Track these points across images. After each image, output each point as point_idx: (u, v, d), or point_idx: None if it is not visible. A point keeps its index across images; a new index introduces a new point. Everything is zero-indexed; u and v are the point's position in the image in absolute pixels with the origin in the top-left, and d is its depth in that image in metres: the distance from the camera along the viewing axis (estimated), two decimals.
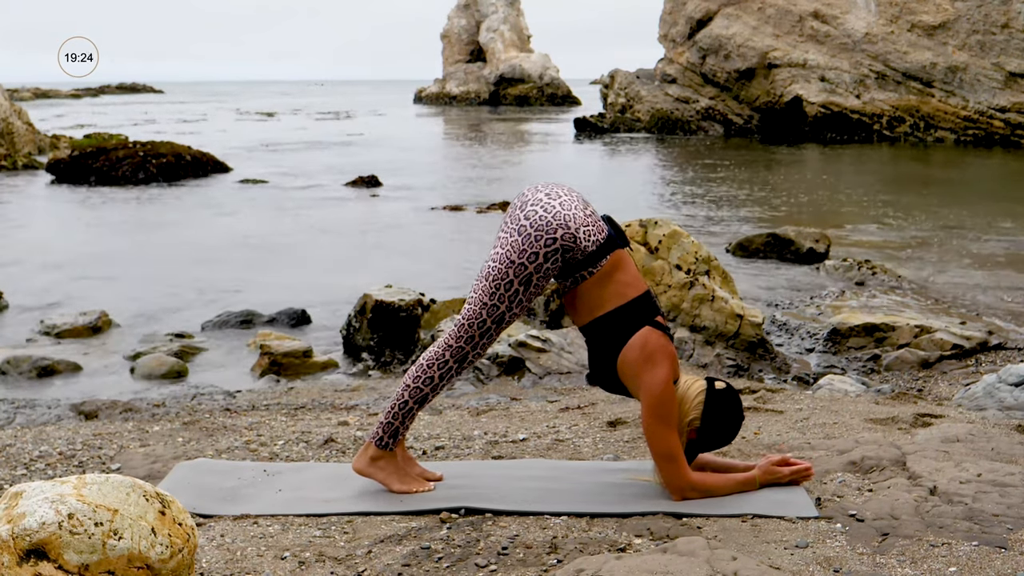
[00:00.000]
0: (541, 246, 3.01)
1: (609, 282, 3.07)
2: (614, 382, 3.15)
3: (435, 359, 3.13)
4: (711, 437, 3.12)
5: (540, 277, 3.05)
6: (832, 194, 16.63)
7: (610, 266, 3.07)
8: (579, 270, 3.06)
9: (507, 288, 3.04)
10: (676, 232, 6.72)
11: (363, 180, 17.28)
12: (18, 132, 20.51)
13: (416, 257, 10.71)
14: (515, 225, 3.05)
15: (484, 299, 3.06)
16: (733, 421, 3.12)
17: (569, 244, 3.02)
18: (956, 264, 10.09)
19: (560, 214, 3.02)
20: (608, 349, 3.10)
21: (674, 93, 31.81)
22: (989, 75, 26.92)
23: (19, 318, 7.93)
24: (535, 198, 3.07)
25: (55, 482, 2.17)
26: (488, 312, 3.07)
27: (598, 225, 3.09)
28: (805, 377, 6.08)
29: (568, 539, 2.79)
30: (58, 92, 74.00)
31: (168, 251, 11.27)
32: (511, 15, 58.55)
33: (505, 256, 3.04)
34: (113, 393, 5.98)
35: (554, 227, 3.01)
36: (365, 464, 3.23)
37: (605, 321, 3.08)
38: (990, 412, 4.48)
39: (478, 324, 3.08)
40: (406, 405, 3.16)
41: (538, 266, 3.03)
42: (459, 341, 3.11)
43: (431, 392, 3.16)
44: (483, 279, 3.07)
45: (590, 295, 3.09)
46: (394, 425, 3.17)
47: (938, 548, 2.64)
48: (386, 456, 3.21)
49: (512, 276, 3.03)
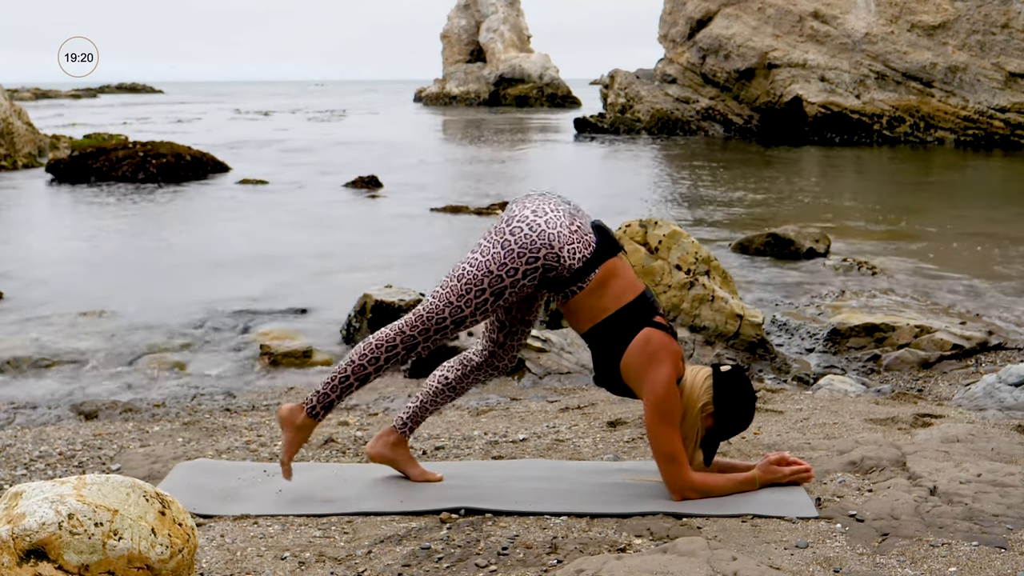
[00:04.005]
0: (522, 263, 3.01)
1: (604, 291, 3.07)
2: (620, 385, 3.15)
3: (385, 342, 3.12)
4: (728, 420, 3.10)
5: (513, 292, 3.05)
6: (832, 194, 16.63)
7: (601, 277, 3.06)
8: (568, 286, 3.06)
9: (478, 295, 3.04)
10: (676, 232, 6.72)
11: (363, 180, 17.27)
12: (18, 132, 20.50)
13: (416, 257, 10.71)
14: (499, 237, 3.04)
15: (451, 298, 3.06)
16: (746, 400, 3.10)
17: (552, 263, 3.01)
18: (956, 264, 10.09)
19: (545, 233, 3.01)
20: (611, 354, 3.10)
21: (674, 93, 31.81)
22: (989, 75, 26.91)
23: (19, 318, 7.93)
24: (521, 214, 3.05)
25: (55, 482, 2.17)
26: (451, 312, 3.06)
27: (585, 239, 3.06)
28: (805, 377, 6.08)
29: (568, 539, 2.79)
30: (58, 92, 73.96)
31: (168, 251, 11.27)
32: (511, 15, 58.54)
33: (484, 264, 3.03)
34: (113, 393, 5.98)
35: (537, 246, 3.00)
36: (292, 419, 3.21)
37: (604, 327, 3.08)
38: (990, 412, 4.48)
39: (437, 320, 3.08)
40: (347, 380, 3.16)
41: (514, 281, 3.03)
42: (413, 331, 3.10)
43: (373, 373, 3.15)
44: (454, 278, 3.06)
45: (585, 305, 3.08)
46: (330, 397, 3.18)
47: (938, 548, 2.64)
48: (310, 425, 3.21)
49: (486, 285, 3.03)
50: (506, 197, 15.37)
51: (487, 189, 17.13)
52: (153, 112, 48.90)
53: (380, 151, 25.07)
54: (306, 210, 14.47)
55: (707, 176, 19.27)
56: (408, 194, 16.29)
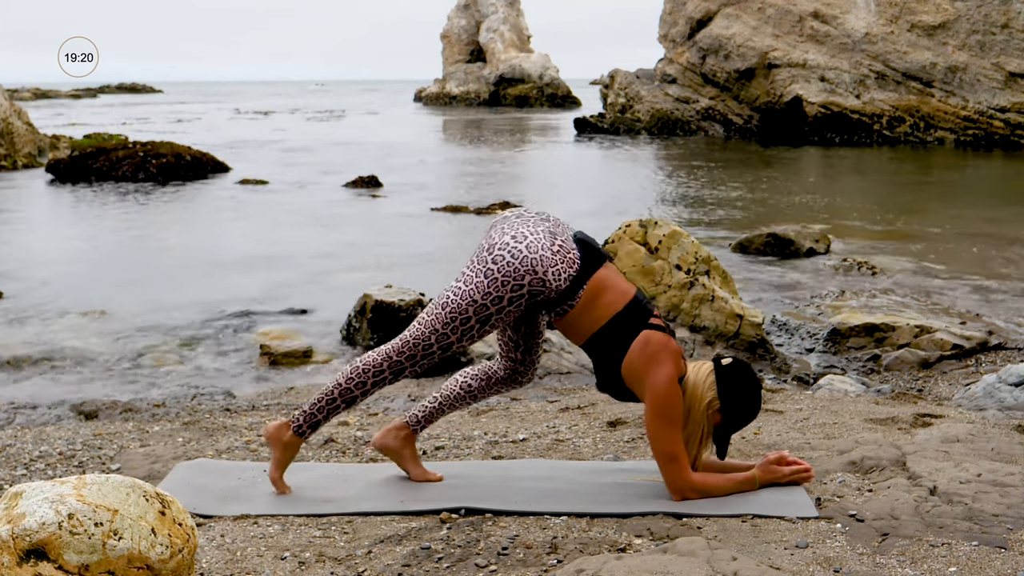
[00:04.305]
0: (507, 291, 3.02)
1: (596, 303, 3.08)
2: (623, 390, 3.15)
3: (372, 366, 3.14)
4: (736, 412, 3.08)
5: (499, 318, 3.06)
6: (832, 194, 16.63)
7: (591, 291, 3.07)
8: (559, 305, 3.08)
9: (463, 323, 3.05)
10: (676, 232, 6.72)
11: (363, 180, 17.27)
12: (18, 132, 20.50)
13: (416, 257, 10.71)
14: (481, 267, 3.05)
15: (437, 326, 3.07)
16: (751, 391, 3.09)
17: (538, 288, 3.03)
18: (956, 264, 10.09)
19: (527, 259, 3.01)
20: (611, 360, 3.10)
21: (674, 93, 31.81)
22: (989, 75, 26.92)
23: (19, 318, 7.93)
24: (502, 241, 3.05)
25: (55, 482, 2.17)
26: (438, 339, 3.08)
27: (569, 257, 3.06)
28: (805, 377, 6.08)
29: (568, 539, 2.79)
30: (58, 92, 73.95)
31: (168, 251, 11.27)
32: (511, 15, 58.53)
33: (468, 294, 3.04)
34: (113, 393, 5.98)
35: (521, 273, 3.01)
36: (278, 437, 3.24)
37: (601, 336, 3.09)
38: (990, 412, 4.48)
39: (424, 346, 3.09)
40: (334, 401, 3.18)
41: (500, 308, 3.04)
42: (400, 356, 3.12)
43: (360, 396, 3.18)
44: (440, 307, 3.08)
45: (580, 320, 3.10)
46: (317, 417, 3.20)
47: (938, 548, 2.64)
48: (296, 443, 3.24)
49: (472, 314, 3.04)
50: (506, 197, 15.37)
51: (487, 189, 17.13)
52: (153, 112, 48.90)
53: (380, 151, 25.07)
54: (306, 210, 14.47)
55: (707, 176, 19.27)
56: (408, 194, 16.30)
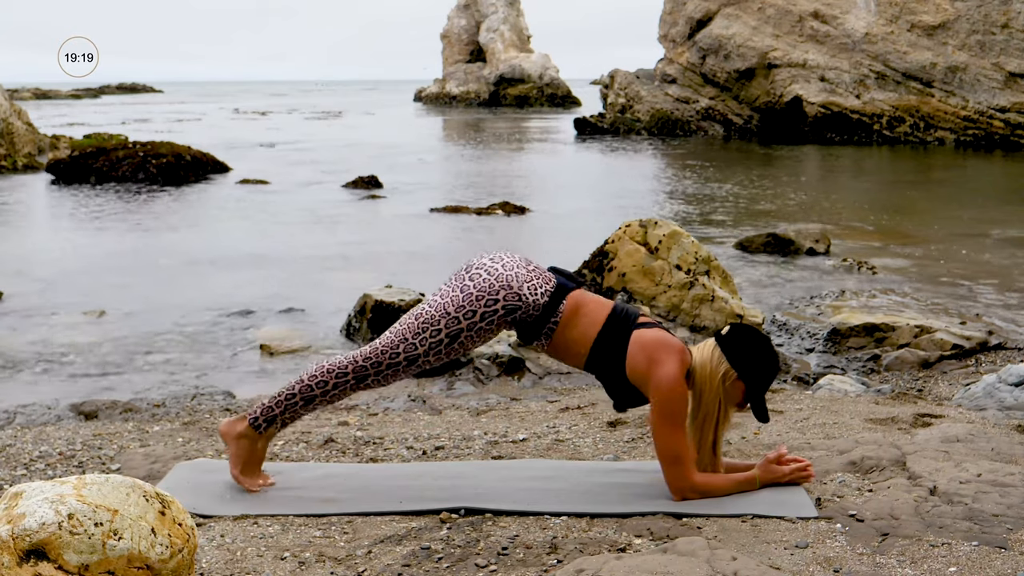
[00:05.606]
0: (480, 305, 3.06)
1: (578, 320, 3.11)
2: (638, 395, 3.14)
3: (336, 369, 3.15)
4: (755, 372, 3.03)
5: (470, 335, 3.09)
6: (832, 194, 16.63)
7: (571, 307, 3.11)
8: (544, 325, 3.10)
9: (433, 335, 3.07)
10: (676, 232, 6.72)
11: (363, 180, 17.26)
12: (18, 132, 20.50)
13: (416, 257, 10.71)
14: (458, 283, 3.11)
15: (406, 335, 3.09)
16: (761, 346, 3.06)
17: (514, 303, 3.07)
18: (956, 264, 10.09)
19: (503, 275, 3.08)
20: (615, 372, 3.11)
21: (674, 93, 31.81)
22: (989, 75, 26.92)
23: (19, 317, 7.93)
24: (480, 263, 3.14)
25: (55, 482, 2.17)
26: (405, 349, 3.09)
27: (543, 276, 3.14)
28: (805, 377, 6.08)
29: (568, 539, 2.79)
30: (58, 92, 73.95)
31: (168, 251, 11.27)
32: (511, 15, 58.54)
33: (441, 306, 3.08)
34: (113, 393, 5.97)
35: (496, 288, 3.06)
36: (230, 431, 3.24)
37: (596, 351, 3.11)
38: (990, 412, 4.49)
39: (390, 355, 3.10)
40: (293, 399, 3.18)
41: (471, 324, 3.07)
42: (366, 363, 3.13)
43: (320, 397, 3.17)
44: (413, 317, 3.11)
45: (568, 339, 3.12)
46: (274, 412, 3.20)
47: (938, 548, 2.64)
48: (252, 437, 3.24)
49: (442, 326, 3.07)
50: (506, 197, 15.37)
51: (487, 189, 17.13)
52: (153, 112, 48.90)
53: (380, 151, 25.07)
54: (306, 210, 14.46)
55: (707, 176, 19.27)
56: (408, 194, 16.29)
